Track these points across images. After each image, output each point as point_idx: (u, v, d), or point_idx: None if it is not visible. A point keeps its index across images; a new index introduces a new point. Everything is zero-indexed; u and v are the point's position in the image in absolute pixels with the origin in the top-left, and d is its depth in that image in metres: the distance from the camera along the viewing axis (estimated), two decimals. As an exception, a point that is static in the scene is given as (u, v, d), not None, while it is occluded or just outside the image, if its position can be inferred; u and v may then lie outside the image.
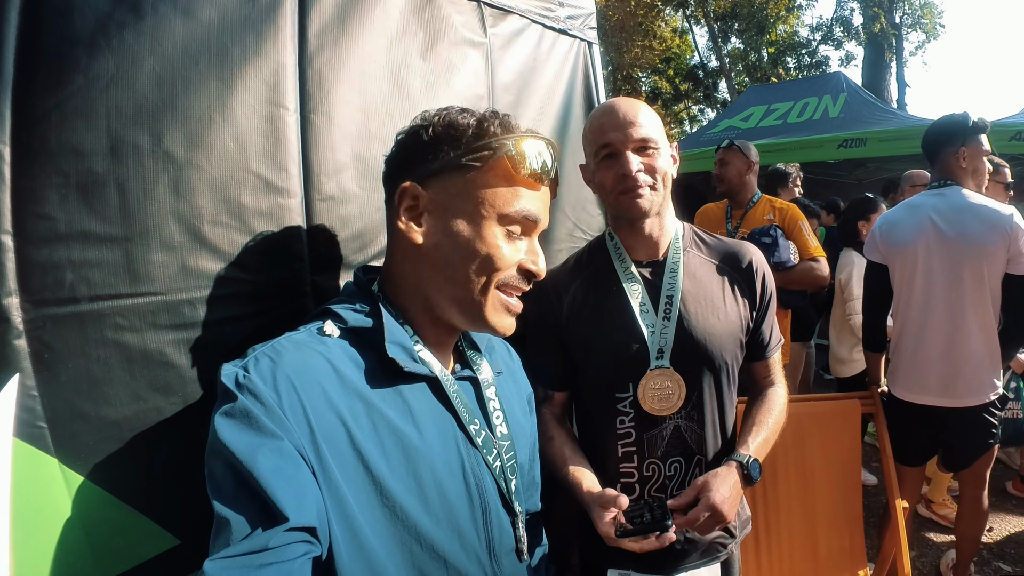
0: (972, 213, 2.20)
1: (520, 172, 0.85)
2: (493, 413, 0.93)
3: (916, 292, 2.30)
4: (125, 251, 0.83)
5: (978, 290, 2.19)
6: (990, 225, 2.16)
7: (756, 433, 1.27)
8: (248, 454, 0.67)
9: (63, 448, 0.79)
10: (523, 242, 0.88)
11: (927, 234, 2.25)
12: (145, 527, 0.86)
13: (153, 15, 0.87)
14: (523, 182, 0.85)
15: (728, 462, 1.19)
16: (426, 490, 0.80)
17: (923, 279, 2.27)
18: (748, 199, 3.15)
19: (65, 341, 0.80)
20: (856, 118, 7.98)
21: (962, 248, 2.19)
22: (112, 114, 0.83)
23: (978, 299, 2.20)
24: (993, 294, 2.22)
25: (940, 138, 2.35)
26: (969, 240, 2.18)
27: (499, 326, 0.88)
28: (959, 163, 2.30)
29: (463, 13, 1.34)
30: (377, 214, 1.12)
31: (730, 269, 1.33)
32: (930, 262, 2.25)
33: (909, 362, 2.34)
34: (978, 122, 2.31)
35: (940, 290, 2.23)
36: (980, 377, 2.23)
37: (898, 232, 2.35)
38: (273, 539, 0.63)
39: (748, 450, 1.22)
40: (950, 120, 2.37)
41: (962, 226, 2.20)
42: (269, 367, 0.74)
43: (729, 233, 3.12)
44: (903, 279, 2.34)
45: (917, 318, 2.30)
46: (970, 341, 2.21)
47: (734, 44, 20.75)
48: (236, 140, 0.93)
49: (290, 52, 1.01)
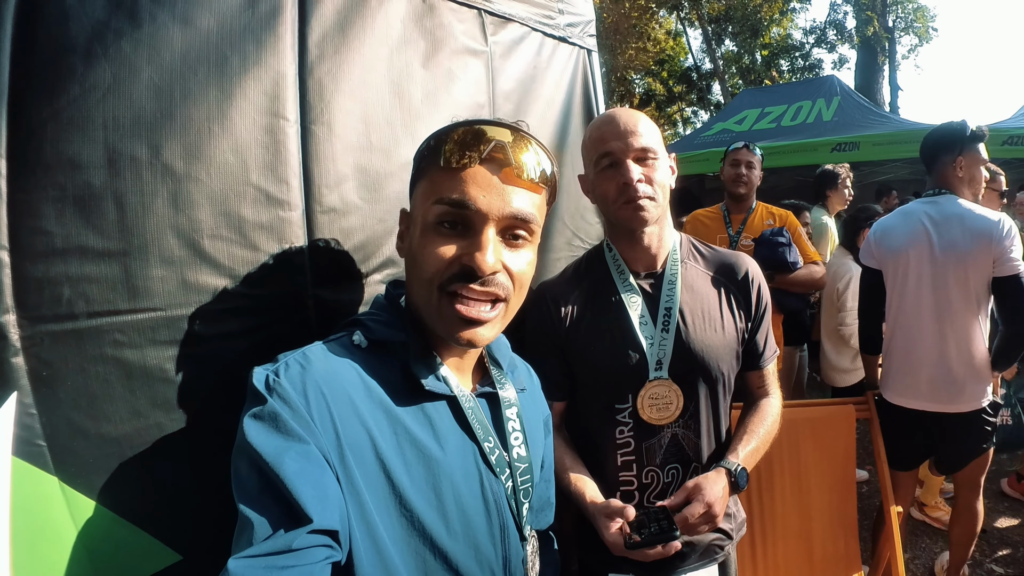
0: (959, 221, 2.24)
1: (439, 162, 0.81)
2: (512, 434, 0.92)
3: (907, 298, 2.34)
4: (123, 266, 0.82)
5: (964, 297, 2.23)
6: (975, 233, 2.20)
7: (747, 442, 1.28)
8: (275, 456, 0.67)
9: (63, 466, 0.78)
10: (466, 239, 0.80)
11: (918, 241, 2.30)
12: (147, 544, 0.85)
13: (151, 23, 0.85)
14: (446, 170, 0.80)
15: (718, 468, 1.21)
16: (445, 504, 0.80)
17: (914, 285, 2.31)
18: (750, 205, 3.14)
19: (63, 358, 0.78)
20: (849, 121, 8.04)
21: (948, 255, 2.23)
22: (109, 125, 0.81)
23: (965, 306, 2.24)
24: (983, 300, 2.25)
25: (938, 146, 2.38)
26: (954, 248, 2.22)
27: (458, 335, 0.81)
28: (955, 172, 2.33)
29: (464, 21, 1.33)
30: (379, 225, 1.11)
31: (726, 280, 1.34)
32: (920, 269, 2.29)
33: (900, 367, 2.38)
34: (976, 131, 2.33)
35: (929, 296, 2.28)
36: (970, 383, 2.25)
37: (891, 239, 2.39)
38: (296, 540, 0.63)
39: (737, 458, 1.24)
40: (948, 128, 2.39)
41: (949, 234, 2.24)
42: (299, 373, 0.74)
43: (731, 238, 3.08)
44: (895, 285, 2.39)
45: (908, 323, 2.35)
46: (959, 347, 2.25)
47: (728, 47, 20.86)
48: (236, 152, 0.92)
49: (290, 61, 1.00)
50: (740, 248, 2.98)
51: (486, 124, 0.82)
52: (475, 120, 0.83)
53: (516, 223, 0.82)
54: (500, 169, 0.81)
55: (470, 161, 0.80)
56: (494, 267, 0.79)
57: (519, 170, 0.82)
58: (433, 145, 0.84)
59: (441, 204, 0.80)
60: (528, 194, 0.84)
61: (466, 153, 0.80)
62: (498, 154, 0.80)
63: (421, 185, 0.85)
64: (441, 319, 0.81)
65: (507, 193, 0.81)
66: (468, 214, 0.79)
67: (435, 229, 0.81)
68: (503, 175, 0.81)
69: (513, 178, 0.81)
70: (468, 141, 0.80)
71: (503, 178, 0.81)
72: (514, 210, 0.81)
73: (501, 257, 0.81)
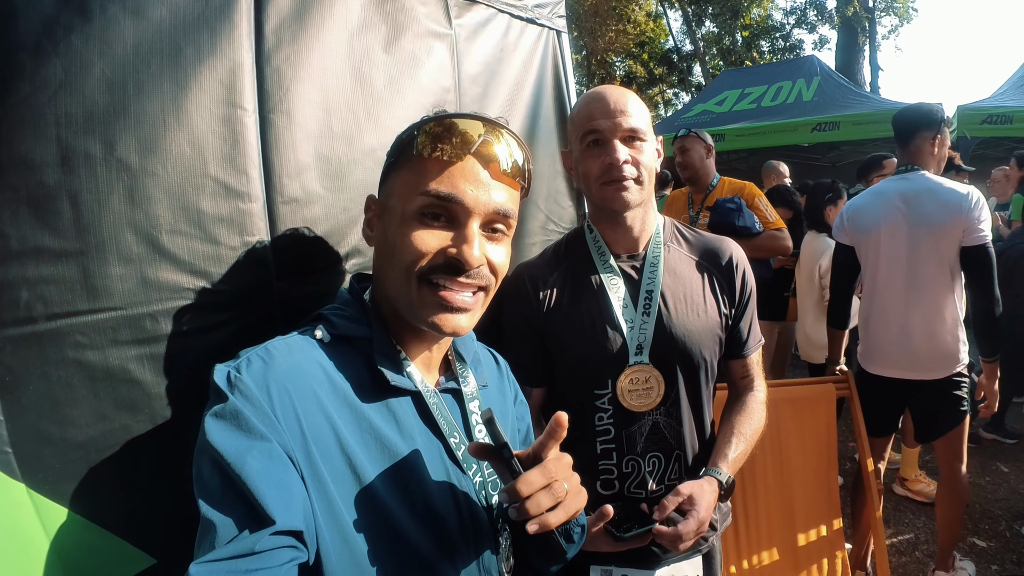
0: (930, 195, 2.34)
1: (425, 152, 0.81)
2: (476, 427, 0.91)
3: (881, 273, 2.46)
4: (81, 266, 0.80)
5: (938, 269, 2.33)
6: (946, 206, 2.29)
7: (735, 445, 1.28)
8: (236, 456, 0.66)
9: (29, 472, 0.77)
10: (451, 231, 0.81)
11: (891, 218, 2.40)
12: (119, 548, 0.84)
13: (101, 16, 0.83)
14: (433, 162, 0.81)
15: (709, 478, 1.21)
16: (413, 499, 0.80)
17: (886, 260, 2.43)
18: (708, 183, 3.27)
19: (25, 363, 0.77)
20: (830, 102, 8.09)
21: (920, 230, 2.33)
22: (62, 122, 0.79)
23: (938, 277, 2.34)
24: (956, 272, 2.36)
25: (919, 123, 2.47)
26: (927, 222, 2.32)
27: (439, 323, 0.81)
28: (932, 148, 2.44)
29: (427, 4, 1.31)
30: (343, 215, 1.10)
31: (710, 265, 1.32)
32: (892, 244, 2.40)
33: (877, 338, 2.50)
34: (946, 116, 2.48)
35: (903, 270, 2.39)
36: (943, 350, 2.37)
37: (863, 217, 2.50)
38: (260, 543, 0.62)
39: (727, 466, 1.24)
40: (928, 107, 2.51)
41: (921, 209, 2.34)
42: (261, 368, 0.74)
43: (691, 218, 3.24)
44: (868, 261, 2.50)
45: (883, 297, 2.46)
46: (933, 317, 2.36)
47: (708, 28, 20.84)
48: (192, 144, 0.90)
49: (247, 50, 0.98)
50: (698, 225, 3.07)
51: (474, 119, 0.83)
52: (462, 113, 0.84)
53: (497, 217, 0.84)
54: (488, 164, 0.83)
55: (458, 155, 0.81)
56: (479, 260, 0.81)
57: (503, 166, 0.83)
58: (417, 135, 0.83)
59: (427, 196, 0.80)
60: (509, 190, 0.86)
61: (454, 146, 0.81)
62: (486, 150, 0.82)
63: (402, 174, 0.85)
64: (422, 307, 0.81)
65: (492, 188, 0.83)
66: (454, 207, 0.80)
67: (417, 219, 0.81)
68: (490, 170, 0.83)
69: (498, 174, 0.83)
70: (457, 134, 0.81)
71: (490, 174, 0.83)
72: (497, 205, 0.83)
73: (485, 251, 0.83)
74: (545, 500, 0.72)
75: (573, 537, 0.93)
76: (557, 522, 0.73)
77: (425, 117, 0.85)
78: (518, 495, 0.70)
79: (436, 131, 0.82)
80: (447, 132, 0.81)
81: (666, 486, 1.25)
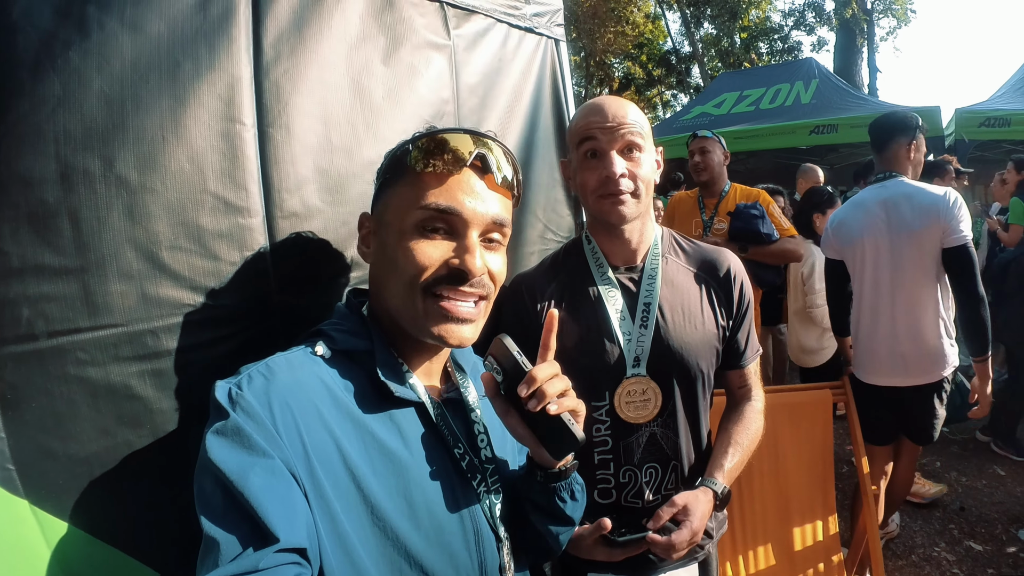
0: (907, 200, 2.38)
1: (419, 167, 0.83)
2: (478, 436, 0.92)
3: (867, 282, 2.50)
4: (82, 283, 0.80)
5: (922, 274, 2.37)
6: (924, 209, 2.33)
7: (732, 455, 1.27)
8: (239, 473, 0.66)
9: (33, 489, 0.77)
10: (452, 242, 0.83)
11: (872, 227, 2.45)
12: (123, 563, 0.84)
13: (99, 32, 0.83)
14: (429, 176, 0.83)
15: (704, 488, 1.21)
16: (417, 511, 0.80)
17: (872, 269, 2.47)
18: (722, 188, 3.21)
19: (27, 380, 0.77)
20: (828, 104, 8.09)
21: (901, 236, 2.37)
22: (61, 139, 0.79)
23: (923, 283, 2.37)
24: (940, 275, 2.38)
25: (895, 129, 2.51)
26: (907, 227, 2.36)
27: (445, 335, 0.83)
28: (908, 153, 2.48)
29: (425, 15, 1.31)
30: (343, 228, 1.10)
31: (708, 277, 1.32)
32: (876, 253, 2.44)
33: (867, 347, 2.53)
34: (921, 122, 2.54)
35: (887, 277, 2.43)
36: (930, 352, 2.40)
37: (846, 228, 2.55)
38: (264, 560, 0.62)
39: (723, 476, 1.24)
40: (903, 114, 2.57)
41: (900, 215, 2.38)
42: (263, 384, 0.74)
43: (705, 224, 3.19)
44: (855, 271, 2.55)
45: (870, 305, 2.50)
46: (918, 323, 2.39)
47: (707, 30, 20.85)
48: (191, 160, 0.90)
49: (245, 64, 0.98)
50: (714, 232, 3.07)
51: (464, 132, 0.85)
52: (453, 128, 0.86)
53: (494, 227, 0.87)
54: (483, 176, 0.86)
55: (454, 168, 0.83)
56: (482, 269, 0.84)
57: (497, 178, 0.87)
58: (411, 151, 0.84)
59: (427, 210, 0.82)
60: (503, 200, 0.89)
61: (447, 161, 0.83)
62: (479, 162, 0.85)
63: (397, 189, 0.86)
64: (427, 319, 0.82)
65: (488, 199, 0.86)
66: (453, 219, 0.83)
67: (418, 232, 0.82)
68: (486, 181, 0.86)
69: (493, 185, 0.87)
70: (449, 150, 0.83)
71: (486, 184, 0.86)
72: (494, 215, 0.86)
73: (485, 260, 0.85)
74: (558, 384, 0.81)
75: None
76: (570, 406, 0.82)
77: (417, 133, 0.87)
78: (535, 380, 0.78)
79: (429, 146, 0.83)
80: (439, 147, 0.83)
81: (663, 496, 1.25)
